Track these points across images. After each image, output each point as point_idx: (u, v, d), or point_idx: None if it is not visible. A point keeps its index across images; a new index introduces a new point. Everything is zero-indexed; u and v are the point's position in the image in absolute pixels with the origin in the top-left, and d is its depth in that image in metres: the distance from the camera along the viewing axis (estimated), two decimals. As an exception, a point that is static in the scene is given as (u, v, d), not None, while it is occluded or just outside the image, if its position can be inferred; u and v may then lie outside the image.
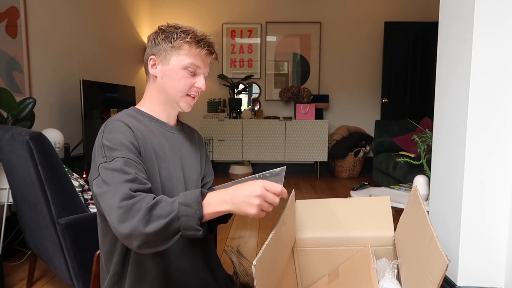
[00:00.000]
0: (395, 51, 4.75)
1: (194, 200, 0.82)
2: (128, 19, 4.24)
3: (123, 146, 0.91)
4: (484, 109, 1.43)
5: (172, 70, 1.02)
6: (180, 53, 1.01)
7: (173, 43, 1.01)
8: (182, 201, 0.82)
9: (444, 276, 0.74)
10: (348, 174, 4.62)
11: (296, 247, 1.27)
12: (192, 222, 0.81)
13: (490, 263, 1.48)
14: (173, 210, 0.81)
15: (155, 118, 1.07)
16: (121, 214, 0.79)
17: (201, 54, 1.02)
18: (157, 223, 0.79)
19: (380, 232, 1.24)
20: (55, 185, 1.41)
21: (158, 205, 0.81)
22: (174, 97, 1.05)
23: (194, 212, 0.81)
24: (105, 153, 0.90)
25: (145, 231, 0.78)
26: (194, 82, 1.04)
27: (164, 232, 0.80)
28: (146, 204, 0.80)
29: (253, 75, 4.87)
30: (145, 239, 0.79)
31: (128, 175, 0.85)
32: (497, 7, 1.39)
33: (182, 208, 0.81)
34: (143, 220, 0.78)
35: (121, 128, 0.95)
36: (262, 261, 0.81)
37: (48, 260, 1.63)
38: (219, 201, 0.84)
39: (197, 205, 0.82)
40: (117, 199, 0.81)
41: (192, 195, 0.84)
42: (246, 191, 0.83)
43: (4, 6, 2.32)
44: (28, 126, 2.12)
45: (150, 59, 1.04)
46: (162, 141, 1.04)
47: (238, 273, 1.48)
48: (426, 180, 2.19)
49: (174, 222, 0.81)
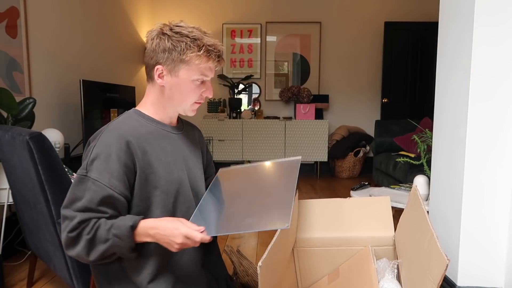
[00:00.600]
0: (395, 51, 4.75)
1: (125, 234, 0.90)
2: (128, 19, 4.24)
3: (108, 165, 0.93)
4: (484, 109, 1.43)
5: (182, 83, 1.01)
6: (190, 66, 0.99)
7: (182, 55, 0.97)
8: (115, 233, 0.90)
9: (444, 276, 0.74)
10: (348, 174, 4.62)
11: (296, 247, 1.27)
12: (124, 251, 0.93)
13: (490, 263, 1.48)
14: (108, 239, 0.90)
15: (156, 120, 1.06)
16: (66, 242, 0.93)
17: (210, 67, 1.02)
18: (96, 251, 0.92)
19: (380, 232, 1.25)
20: (55, 185, 1.41)
21: (96, 236, 0.91)
22: (182, 107, 1.06)
23: (125, 244, 0.91)
24: (88, 165, 0.94)
25: (89, 258, 0.92)
26: (202, 90, 1.04)
27: (104, 256, 0.93)
28: (87, 235, 0.91)
29: (253, 75, 4.87)
30: (90, 262, 0.95)
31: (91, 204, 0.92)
32: (497, 7, 1.38)
33: (115, 240, 0.90)
34: (84, 249, 0.91)
35: (114, 142, 0.95)
36: (267, 262, 0.81)
37: (48, 260, 1.63)
38: (145, 235, 0.92)
39: (127, 238, 0.90)
40: (67, 228, 0.92)
41: (125, 229, 0.91)
42: (168, 236, 0.90)
43: (4, 6, 2.32)
44: (28, 126, 2.12)
45: (157, 69, 1.00)
46: (164, 144, 1.04)
47: (238, 273, 1.48)
48: (426, 180, 2.19)
49: (109, 250, 0.92)
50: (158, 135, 1.04)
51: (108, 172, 0.92)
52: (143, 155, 0.97)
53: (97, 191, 0.91)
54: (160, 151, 1.02)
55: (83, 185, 0.92)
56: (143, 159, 0.97)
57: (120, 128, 0.98)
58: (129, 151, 0.95)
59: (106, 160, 0.93)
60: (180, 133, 1.12)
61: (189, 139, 1.16)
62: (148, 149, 0.99)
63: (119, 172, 0.93)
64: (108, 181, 0.92)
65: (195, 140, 1.19)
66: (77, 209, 0.92)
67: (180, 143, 1.10)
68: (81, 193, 0.92)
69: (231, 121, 4.50)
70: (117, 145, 0.94)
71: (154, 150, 1.00)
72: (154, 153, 1.00)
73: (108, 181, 0.92)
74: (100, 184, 0.91)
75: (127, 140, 0.96)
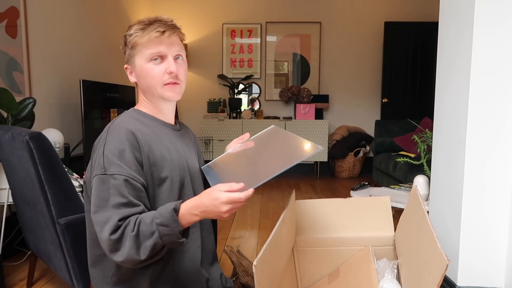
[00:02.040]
0: (395, 51, 4.75)
1: (170, 219, 0.86)
2: (128, 19, 4.24)
3: (123, 160, 0.91)
4: (483, 108, 1.43)
5: (141, 69, 1.02)
6: (137, 50, 1.01)
7: (129, 45, 1.03)
8: (159, 222, 0.86)
9: (444, 276, 0.74)
10: (348, 174, 4.62)
11: (296, 247, 1.27)
12: (173, 238, 0.87)
13: (490, 263, 1.48)
14: (153, 231, 0.86)
15: (156, 118, 1.07)
16: (111, 245, 0.86)
17: (151, 38, 0.99)
18: (145, 248, 0.86)
19: (380, 232, 1.25)
20: (55, 185, 1.41)
21: (140, 231, 0.86)
22: (155, 92, 1.03)
23: (173, 230, 0.86)
24: (104, 164, 0.91)
25: (140, 258, 0.86)
26: (164, 69, 1.01)
27: (154, 252, 0.88)
28: (131, 232, 0.86)
29: (253, 75, 4.87)
30: (143, 262, 0.88)
31: (122, 198, 0.88)
32: (497, 7, 1.38)
33: (161, 228, 0.86)
34: (133, 249, 0.86)
35: (124, 137, 0.94)
36: (262, 261, 0.81)
37: (48, 260, 1.63)
38: (191, 216, 0.88)
39: (174, 222, 0.86)
40: (107, 231, 0.86)
41: (168, 214, 0.86)
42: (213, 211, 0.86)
43: (4, 6, 2.32)
44: (28, 126, 2.12)
45: (126, 69, 1.07)
46: (166, 142, 1.04)
47: (238, 273, 1.48)
48: (426, 180, 2.19)
49: (158, 242, 0.86)
50: (160, 133, 1.05)
51: (125, 164, 0.91)
52: (148, 152, 0.97)
53: (121, 185, 0.89)
54: (163, 149, 1.02)
55: (106, 184, 0.90)
56: (148, 157, 0.97)
57: (126, 124, 0.98)
58: (138, 146, 0.95)
59: (120, 155, 0.92)
60: (179, 132, 1.14)
61: (187, 139, 1.18)
62: (152, 147, 0.99)
63: (135, 165, 0.93)
64: (129, 173, 0.90)
65: (191, 140, 1.21)
66: (110, 208, 0.88)
67: (180, 142, 1.11)
68: (106, 192, 0.89)
69: (231, 121, 4.50)
70: (127, 139, 0.94)
71: (158, 148, 1.01)
72: (157, 151, 1.00)
73: (128, 173, 0.90)
74: (122, 176, 0.89)
75: (135, 135, 0.96)
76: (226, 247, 1.61)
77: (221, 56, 4.93)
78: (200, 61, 4.88)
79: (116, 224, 0.86)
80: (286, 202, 1.11)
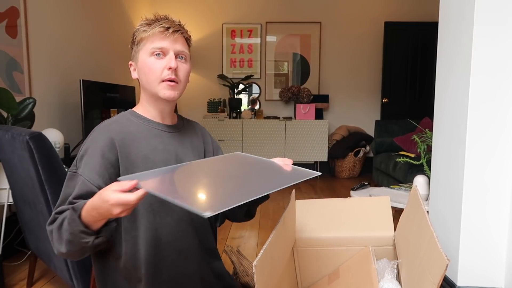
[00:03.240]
0: (395, 51, 4.75)
1: (70, 218, 0.84)
2: (128, 19, 4.24)
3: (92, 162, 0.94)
4: (484, 109, 1.43)
5: (142, 64, 1.03)
6: (141, 45, 1.03)
7: (135, 41, 1.04)
8: (68, 218, 0.85)
9: (444, 276, 0.74)
10: (348, 174, 4.62)
11: (296, 247, 1.27)
12: (77, 238, 0.83)
13: (490, 263, 1.48)
14: (66, 228, 0.85)
15: (148, 119, 1.07)
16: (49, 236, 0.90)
17: (155, 33, 1.00)
18: (64, 241, 0.86)
19: (380, 232, 1.24)
20: (55, 185, 1.41)
21: (62, 225, 0.86)
22: (152, 88, 1.02)
23: (73, 229, 0.83)
24: (77, 162, 0.96)
25: (63, 250, 0.87)
26: (165, 64, 1.00)
27: (73, 247, 0.86)
28: (56, 225, 0.88)
29: (253, 75, 4.87)
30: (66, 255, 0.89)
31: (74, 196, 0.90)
32: (497, 7, 1.38)
33: (67, 226, 0.85)
34: (57, 241, 0.87)
35: (101, 137, 0.97)
36: (262, 261, 0.81)
37: (48, 260, 1.63)
38: (90, 217, 0.82)
39: (73, 221, 0.83)
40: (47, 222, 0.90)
41: (69, 212, 0.85)
42: (106, 213, 0.78)
43: (4, 6, 2.32)
44: (28, 126, 2.12)
45: (130, 65, 1.08)
46: (155, 143, 1.04)
47: (238, 273, 1.48)
48: (426, 180, 2.19)
49: (71, 239, 0.85)
50: (148, 133, 1.04)
51: (91, 166, 0.94)
52: (127, 153, 0.98)
53: (81, 184, 0.92)
54: (148, 149, 1.02)
55: (73, 182, 0.94)
56: (127, 158, 0.98)
57: (109, 126, 1.01)
58: (114, 148, 0.97)
59: (91, 156, 0.95)
60: (175, 132, 1.11)
61: (187, 138, 1.14)
62: (133, 148, 0.99)
63: (101, 167, 0.94)
64: (89, 174, 0.93)
65: (196, 139, 1.17)
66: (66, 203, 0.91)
67: (174, 142, 1.09)
68: (71, 189, 0.93)
69: (231, 121, 4.50)
70: (102, 141, 0.97)
71: (141, 149, 1.00)
72: (140, 152, 1.00)
73: (88, 175, 0.93)
74: (83, 178, 0.93)
75: (112, 137, 0.98)
76: (226, 247, 1.61)
77: (221, 56, 4.93)
78: (200, 61, 4.88)
79: (53, 216, 0.90)
80: (286, 202, 1.11)
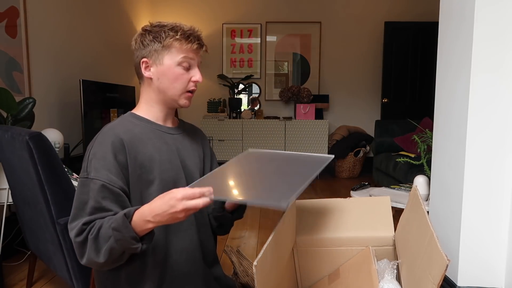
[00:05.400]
0: (395, 51, 4.75)
1: (121, 225, 0.85)
2: (128, 19, 4.24)
3: (104, 165, 0.94)
4: (484, 108, 1.43)
5: (168, 69, 1.02)
6: (172, 51, 1.02)
7: (163, 42, 1.01)
8: (113, 226, 0.86)
9: (444, 276, 0.74)
10: (348, 174, 4.62)
11: (296, 247, 1.27)
12: (127, 244, 0.86)
13: (490, 263, 1.47)
14: (110, 235, 0.86)
15: (151, 121, 1.07)
16: (77, 249, 0.91)
17: (192, 48, 1.03)
18: (104, 251, 0.87)
19: (380, 232, 1.24)
20: (55, 185, 1.41)
21: (100, 234, 0.88)
22: (173, 96, 1.05)
23: (124, 236, 0.85)
24: (87, 167, 0.95)
25: (100, 261, 0.88)
26: (190, 77, 1.04)
27: (113, 255, 0.88)
28: (91, 235, 0.88)
29: (253, 75, 4.87)
30: (102, 265, 0.90)
31: (96, 203, 0.91)
32: (497, 7, 1.38)
33: (115, 233, 0.86)
34: (92, 251, 0.88)
35: (109, 141, 0.96)
36: (262, 261, 0.81)
37: (48, 260, 1.63)
38: (145, 222, 0.86)
39: (125, 228, 0.85)
40: (73, 234, 0.90)
41: (120, 219, 0.86)
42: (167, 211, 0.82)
43: (4, 6, 2.32)
44: (28, 126, 2.12)
45: (143, 62, 1.03)
46: (159, 143, 1.04)
47: (238, 273, 1.48)
48: (426, 180, 2.19)
49: (114, 246, 0.87)
50: (152, 134, 1.05)
51: (105, 169, 0.93)
52: (135, 154, 0.98)
53: (98, 190, 0.91)
54: (154, 150, 1.02)
55: (86, 188, 0.92)
56: (135, 158, 0.98)
57: (114, 128, 1.00)
58: (123, 149, 0.97)
59: (102, 159, 0.94)
60: (177, 134, 1.12)
61: (189, 140, 1.15)
62: (140, 149, 1.00)
63: (116, 169, 0.94)
64: (107, 177, 0.92)
65: (196, 141, 1.18)
66: (85, 213, 0.91)
67: (177, 143, 1.09)
68: (85, 196, 0.92)
69: (231, 121, 4.50)
70: (111, 143, 0.96)
71: (148, 149, 1.01)
72: (147, 152, 1.01)
73: (106, 177, 0.92)
74: (99, 181, 0.91)
75: (120, 138, 0.97)
76: (226, 247, 1.61)
77: (221, 56, 4.93)
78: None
79: (81, 227, 0.89)
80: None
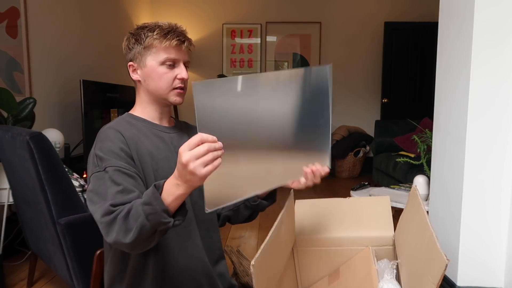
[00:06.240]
0: (395, 51, 4.75)
1: (151, 197, 0.81)
2: (129, 19, 4.24)
3: (113, 155, 0.94)
4: (484, 108, 1.43)
5: (151, 70, 1.03)
6: (153, 51, 1.03)
7: (143, 43, 1.03)
8: (143, 201, 0.83)
9: (444, 276, 0.74)
10: (348, 174, 4.62)
11: (296, 247, 1.27)
12: (159, 218, 0.81)
13: (490, 263, 1.48)
14: (140, 213, 0.82)
15: (147, 120, 1.09)
16: (104, 228, 0.87)
17: (172, 45, 1.02)
18: (133, 231, 0.82)
19: (380, 232, 1.24)
20: (55, 185, 1.41)
21: (130, 213, 0.84)
22: (161, 94, 1.06)
23: (155, 208, 0.81)
24: (97, 162, 0.94)
25: (126, 241, 0.83)
26: (175, 74, 1.05)
27: (142, 235, 0.83)
28: (121, 215, 0.84)
29: (253, 75, 4.87)
30: (129, 246, 0.85)
31: (117, 186, 0.89)
32: (497, 7, 1.39)
33: (145, 208, 0.81)
34: (120, 231, 0.84)
35: (111, 135, 0.98)
36: (260, 261, 0.81)
37: (48, 260, 1.63)
38: (173, 187, 0.81)
39: (155, 200, 0.81)
40: (99, 214, 0.87)
41: (150, 191, 0.83)
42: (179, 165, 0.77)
43: (4, 6, 2.32)
44: (28, 126, 2.13)
45: (129, 66, 1.07)
46: (156, 142, 1.06)
47: (238, 273, 1.49)
48: (426, 180, 2.19)
49: (144, 223, 0.82)
50: (149, 133, 1.06)
51: (115, 158, 0.94)
52: (136, 148, 1.00)
53: (113, 175, 0.90)
54: (152, 148, 1.03)
55: (102, 180, 0.91)
56: (136, 152, 1.00)
57: (113, 126, 1.02)
58: (126, 142, 0.99)
59: (109, 152, 0.95)
60: (174, 133, 1.13)
61: (185, 138, 1.14)
62: (139, 145, 1.01)
63: (125, 158, 0.95)
64: (120, 164, 0.93)
65: None
66: (110, 198, 0.88)
67: (174, 142, 1.10)
68: (103, 187, 0.90)
69: (231, 121, 4.50)
70: (116, 138, 0.98)
71: (146, 147, 1.02)
72: (146, 150, 1.02)
73: (119, 164, 0.93)
74: (112, 167, 0.91)
75: (121, 133, 0.99)
76: (226, 247, 1.61)
77: (221, 56, 4.93)
78: (200, 61, 4.88)
79: (108, 208, 0.86)
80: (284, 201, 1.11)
